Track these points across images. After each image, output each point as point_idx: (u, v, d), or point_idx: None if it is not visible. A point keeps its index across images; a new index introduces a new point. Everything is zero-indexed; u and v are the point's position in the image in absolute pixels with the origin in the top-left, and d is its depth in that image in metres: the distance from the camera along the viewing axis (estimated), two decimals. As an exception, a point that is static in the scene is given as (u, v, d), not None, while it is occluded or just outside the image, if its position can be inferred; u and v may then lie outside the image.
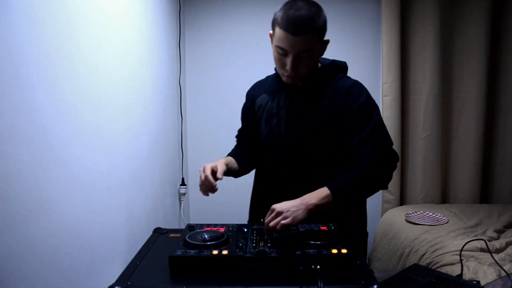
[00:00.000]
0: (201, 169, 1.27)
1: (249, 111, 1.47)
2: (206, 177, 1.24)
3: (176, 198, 2.45)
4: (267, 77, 1.48)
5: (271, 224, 1.09)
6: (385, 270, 1.39)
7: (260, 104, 1.41)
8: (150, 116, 1.85)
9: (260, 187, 1.48)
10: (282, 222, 1.08)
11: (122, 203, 1.43)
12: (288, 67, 1.21)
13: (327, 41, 1.26)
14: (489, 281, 1.46)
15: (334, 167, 1.27)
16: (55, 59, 0.98)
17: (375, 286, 0.92)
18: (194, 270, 1.01)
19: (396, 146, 2.69)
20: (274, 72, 1.41)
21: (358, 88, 1.28)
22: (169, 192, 2.25)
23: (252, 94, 1.46)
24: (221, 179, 1.26)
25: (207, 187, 1.25)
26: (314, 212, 1.13)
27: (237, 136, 1.58)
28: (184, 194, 2.51)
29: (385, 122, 2.91)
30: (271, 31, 1.26)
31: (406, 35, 2.68)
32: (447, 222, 2.27)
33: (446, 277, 1.27)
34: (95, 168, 1.21)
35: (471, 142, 2.71)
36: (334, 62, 1.34)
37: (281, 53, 1.21)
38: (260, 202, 1.45)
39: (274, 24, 1.21)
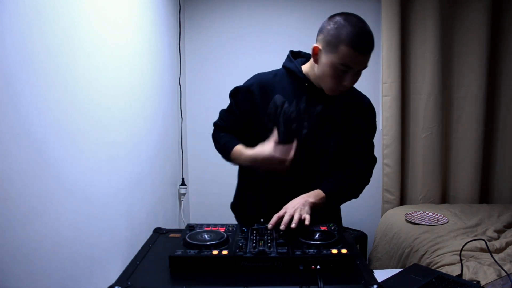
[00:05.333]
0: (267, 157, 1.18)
1: (257, 105, 1.33)
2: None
3: (176, 198, 2.45)
4: (273, 74, 1.38)
5: (293, 224, 1.13)
6: (385, 270, 1.39)
7: (277, 104, 1.32)
8: (150, 116, 1.85)
9: (254, 189, 1.43)
10: (299, 215, 1.15)
11: (122, 203, 1.43)
12: (346, 83, 1.22)
13: None
14: (489, 281, 1.46)
15: (330, 169, 1.36)
16: (55, 59, 0.99)
17: (375, 286, 0.92)
18: (194, 270, 1.01)
19: (396, 146, 2.72)
20: (281, 68, 1.37)
21: (373, 109, 1.41)
22: (169, 192, 2.25)
23: (263, 88, 1.33)
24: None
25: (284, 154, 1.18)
26: (312, 209, 1.24)
27: (223, 127, 1.43)
28: (184, 194, 2.51)
29: (385, 122, 2.92)
30: (317, 45, 1.22)
31: (406, 35, 2.68)
32: (447, 222, 2.27)
33: (446, 277, 1.27)
34: (95, 168, 1.21)
35: (471, 142, 2.71)
36: None
37: (342, 70, 1.20)
38: (255, 203, 1.42)
39: (336, 40, 1.16)
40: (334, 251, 1.02)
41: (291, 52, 1.40)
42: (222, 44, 2.73)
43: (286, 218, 1.16)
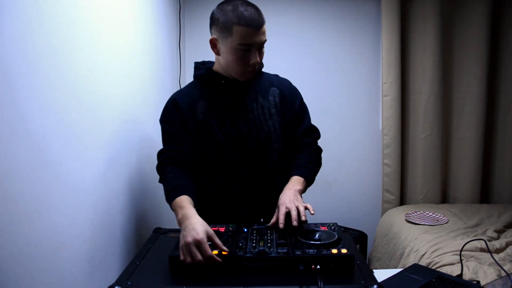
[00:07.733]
0: (191, 247, 1.00)
1: (189, 122, 1.33)
2: (211, 257, 1.01)
3: (176, 198, 2.44)
4: (188, 87, 1.43)
5: (303, 217, 1.17)
6: (385, 270, 1.39)
7: (203, 112, 1.34)
8: (150, 115, 1.85)
9: (220, 192, 1.38)
10: (303, 206, 1.19)
11: (122, 203, 1.43)
12: (253, 60, 1.25)
13: None
14: (489, 281, 1.46)
15: (283, 153, 1.40)
16: (54, 59, 0.98)
17: (375, 286, 0.92)
18: (194, 270, 1.01)
19: (396, 146, 2.72)
20: (193, 81, 1.43)
21: (294, 87, 1.47)
22: (169, 192, 2.25)
23: (185, 103, 1.34)
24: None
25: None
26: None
27: (172, 157, 1.32)
28: (184, 194, 2.50)
29: (385, 122, 2.92)
30: (212, 37, 1.30)
31: (406, 35, 2.68)
32: (447, 222, 2.27)
33: (446, 277, 1.27)
34: (95, 168, 1.21)
35: (471, 142, 2.71)
36: None
37: (244, 50, 1.24)
38: (224, 204, 1.39)
39: (228, 24, 1.22)
40: (334, 251, 1.03)
41: (197, 63, 1.47)
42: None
43: (294, 214, 1.17)
